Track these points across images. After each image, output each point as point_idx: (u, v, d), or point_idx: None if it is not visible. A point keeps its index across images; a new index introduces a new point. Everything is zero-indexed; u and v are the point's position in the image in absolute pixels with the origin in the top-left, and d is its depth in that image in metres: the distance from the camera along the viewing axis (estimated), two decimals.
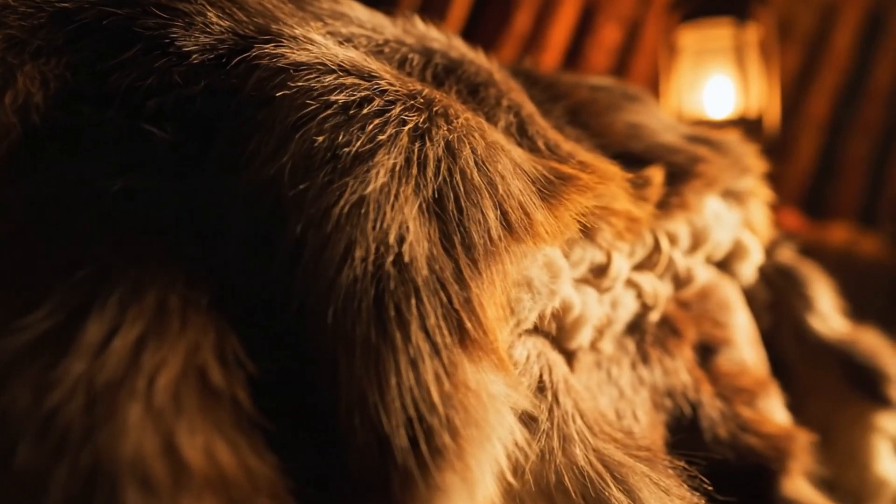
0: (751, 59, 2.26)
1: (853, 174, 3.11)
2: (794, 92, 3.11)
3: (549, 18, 2.81)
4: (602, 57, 3.00)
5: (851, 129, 3.12)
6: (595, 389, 0.66)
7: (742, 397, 0.78)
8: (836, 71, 3.12)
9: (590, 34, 2.96)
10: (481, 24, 2.78)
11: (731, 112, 2.29)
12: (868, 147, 3.11)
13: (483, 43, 0.90)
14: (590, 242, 0.60)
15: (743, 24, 2.26)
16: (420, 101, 0.47)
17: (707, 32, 2.31)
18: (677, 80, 2.36)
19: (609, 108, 0.80)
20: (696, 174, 0.76)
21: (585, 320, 0.59)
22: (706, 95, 2.34)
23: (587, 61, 2.99)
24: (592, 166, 0.53)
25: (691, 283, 0.79)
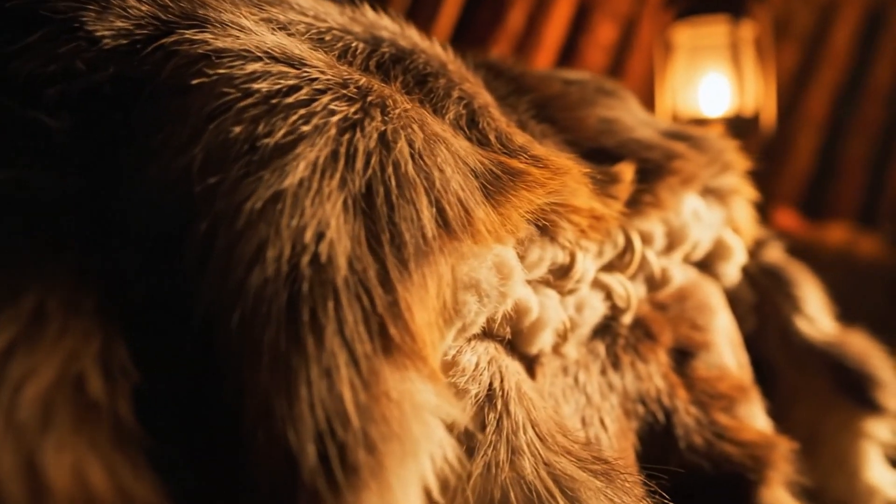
0: (746, 57, 2.22)
1: (852, 174, 3.08)
2: (793, 91, 3.07)
3: (543, 16, 2.78)
4: (598, 55, 2.97)
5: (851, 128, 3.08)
6: (559, 396, 0.63)
7: (720, 403, 0.75)
8: (835, 69, 3.09)
9: (585, 32, 2.92)
10: (474, 21, 2.75)
11: (726, 110, 2.26)
12: (867, 147, 3.07)
13: (476, 41, 0.87)
14: (549, 242, 0.57)
15: (738, 22, 2.23)
16: (353, 90, 0.44)
17: (702, 30, 2.28)
18: (672, 78, 2.32)
19: (581, 103, 0.77)
20: (671, 171, 0.73)
21: (544, 324, 0.56)
22: (701, 93, 2.31)
23: (582, 59, 2.96)
24: (546, 161, 0.50)
25: (667, 284, 0.76)
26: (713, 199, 0.89)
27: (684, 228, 0.78)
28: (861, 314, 1.43)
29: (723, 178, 0.88)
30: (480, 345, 0.51)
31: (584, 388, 0.66)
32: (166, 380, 0.33)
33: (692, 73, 2.32)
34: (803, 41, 3.08)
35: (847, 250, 2.24)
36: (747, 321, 0.99)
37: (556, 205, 0.54)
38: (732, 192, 0.91)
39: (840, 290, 2.14)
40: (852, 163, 3.06)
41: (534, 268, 0.56)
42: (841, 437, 0.99)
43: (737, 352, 0.87)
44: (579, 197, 0.55)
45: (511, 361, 0.54)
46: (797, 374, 0.99)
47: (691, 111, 2.32)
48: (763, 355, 1.02)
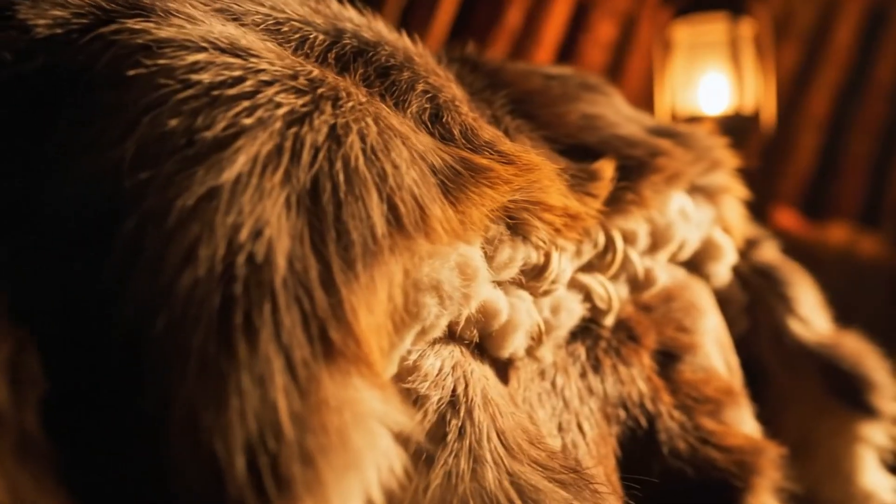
0: (745, 55, 2.20)
1: (854, 173, 3.05)
2: (794, 89, 3.04)
3: (541, 14, 2.76)
4: (597, 53, 2.95)
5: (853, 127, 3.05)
6: (535, 401, 0.61)
7: (705, 407, 0.73)
8: (837, 67, 3.06)
9: (584, 30, 2.90)
10: (471, 20, 2.73)
11: (725, 109, 2.23)
12: (870, 145, 3.04)
13: (474, 40, 0.85)
14: (522, 241, 0.55)
15: (737, 19, 2.21)
16: (303, 82, 0.42)
17: (701, 28, 2.26)
18: (671, 77, 2.30)
19: (563, 98, 0.75)
20: (654, 168, 0.71)
21: (515, 326, 0.54)
22: (701, 91, 2.28)
23: (582, 58, 2.94)
24: (513, 157, 0.48)
25: (651, 285, 0.74)
26: (702, 197, 0.86)
27: (670, 228, 0.76)
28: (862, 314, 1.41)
29: (711, 175, 0.86)
30: (445, 349, 0.49)
31: (561, 392, 0.64)
32: (83, 388, 0.31)
33: (691, 71, 2.29)
34: (804, 39, 3.05)
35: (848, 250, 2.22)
36: (739, 322, 0.97)
37: (526, 202, 0.52)
38: (722, 190, 0.88)
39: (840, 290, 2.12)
40: (854, 162, 3.03)
41: (504, 268, 0.54)
42: (835, 441, 0.96)
43: (726, 354, 0.85)
44: (552, 194, 0.53)
45: (479, 366, 0.52)
46: (789, 376, 0.97)
47: (690, 109, 2.30)
48: (755, 357, 0.99)
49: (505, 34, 2.76)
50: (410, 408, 0.46)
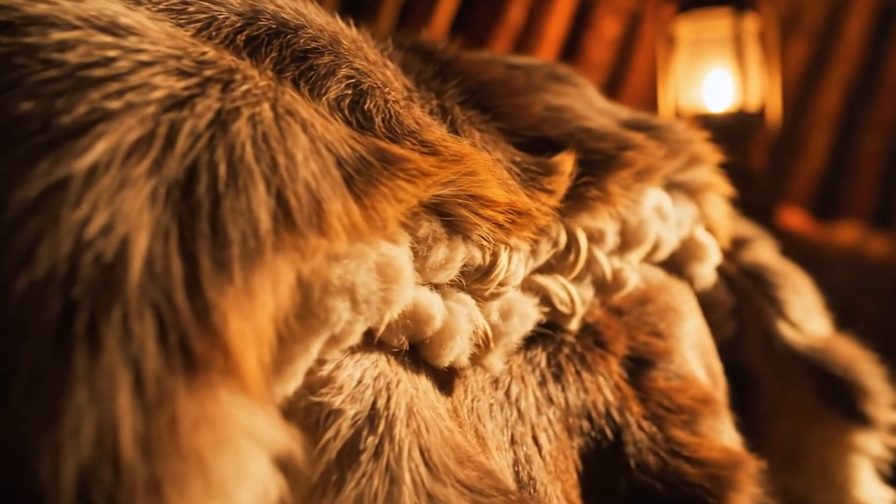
0: (750, 51, 2.15)
1: (867, 172, 2.98)
2: (804, 86, 2.98)
3: (543, 11, 2.72)
4: (601, 51, 2.90)
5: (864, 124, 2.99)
6: (484, 412, 0.57)
7: (679, 418, 0.68)
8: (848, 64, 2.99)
9: (587, 28, 2.85)
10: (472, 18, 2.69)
11: (730, 105, 2.18)
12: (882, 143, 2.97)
13: (474, 38, 0.81)
14: (462, 240, 0.51)
15: (741, 15, 2.15)
16: (189, 63, 0.38)
17: (704, 23, 2.21)
18: (675, 73, 2.25)
19: (526, 89, 0.71)
20: (622, 162, 0.66)
21: (453, 333, 0.50)
22: (705, 88, 2.23)
23: (586, 56, 2.89)
24: (438, 147, 0.44)
25: (621, 287, 0.69)
26: (681, 194, 0.82)
27: (643, 226, 0.71)
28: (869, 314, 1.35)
29: (692, 171, 0.81)
30: (367, 358, 0.45)
31: (516, 402, 0.60)
32: None
33: (695, 67, 2.24)
34: (814, 35, 2.98)
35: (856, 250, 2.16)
36: (725, 326, 0.93)
37: (461, 197, 0.48)
38: (704, 187, 0.84)
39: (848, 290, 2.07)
40: (866, 160, 2.96)
41: (440, 269, 0.49)
42: (827, 450, 0.91)
43: (707, 360, 0.80)
44: (491, 189, 0.49)
45: (410, 376, 0.48)
46: (779, 382, 0.92)
47: (695, 106, 2.25)
48: (744, 362, 0.95)
49: (506, 32, 2.71)
50: (323, 423, 0.41)
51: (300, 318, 0.39)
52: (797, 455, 0.93)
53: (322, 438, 0.41)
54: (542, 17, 2.77)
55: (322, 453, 0.41)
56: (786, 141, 2.95)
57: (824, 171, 3.00)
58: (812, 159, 3.00)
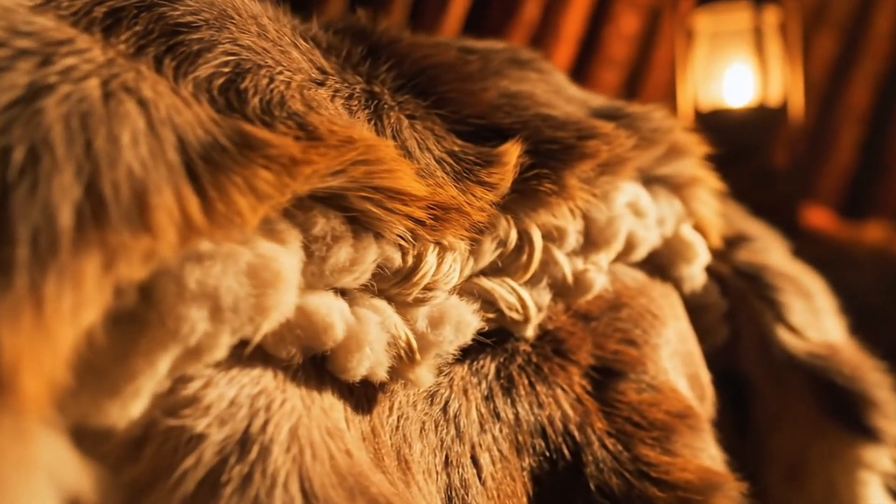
0: (771, 44, 2.06)
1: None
2: (832, 81, 2.88)
3: (560, 7, 2.65)
4: (621, 46, 2.82)
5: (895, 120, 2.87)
6: (413, 431, 0.51)
7: (650, 434, 0.61)
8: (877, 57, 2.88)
9: (606, 22, 2.78)
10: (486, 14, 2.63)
11: (750, 100, 2.10)
12: None
13: (489, 34, 0.76)
14: (374, 239, 0.45)
15: (761, 7, 2.07)
16: None
17: (723, 16, 2.13)
18: (693, 67, 2.17)
19: (481, 74, 0.64)
20: (582, 153, 0.60)
21: (360, 343, 0.44)
22: (725, 82, 2.15)
23: (605, 52, 2.82)
24: (321, 132, 0.38)
25: (586, 290, 0.63)
26: (663, 189, 0.75)
27: (612, 223, 0.65)
28: None
29: (674, 164, 0.74)
30: (246, 374, 0.39)
31: (455, 419, 0.53)
32: None
33: (714, 61, 2.17)
34: (842, 28, 2.88)
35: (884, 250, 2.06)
36: (717, 332, 0.86)
37: (363, 190, 0.42)
38: (689, 181, 0.77)
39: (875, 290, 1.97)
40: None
41: (344, 272, 0.44)
42: (832, 466, 0.84)
43: (692, 370, 0.73)
44: (402, 181, 0.43)
45: (304, 393, 0.42)
46: (777, 391, 0.85)
47: (714, 101, 2.17)
48: (740, 371, 0.88)
49: (521, 28, 2.65)
50: (182, 450, 0.36)
51: (141, 328, 0.33)
52: (799, 471, 0.86)
53: (179, 467, 0.35)
54: (558, 13, 2.70)
55: (178, 486, 0.35)
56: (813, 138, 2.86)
57: (854, 169, 2.90)
58: (841, 156, 2.89)
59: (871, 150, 2.86)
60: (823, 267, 1.36)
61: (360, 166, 0.39)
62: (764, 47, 2.09)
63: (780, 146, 2.28)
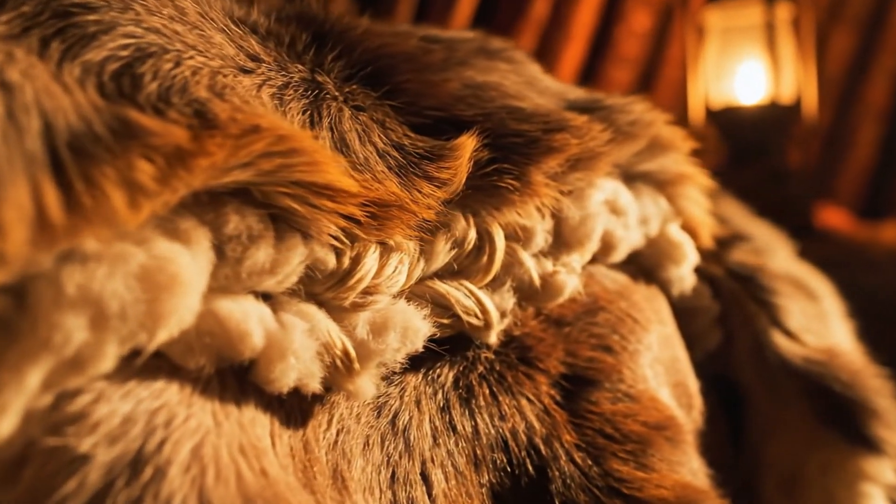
0: (784, 40, 2.01)
1: None
2: (850, 78, 2.81)
3: (570, 4, 2.60)
4: (633, 44, 2.78)
5: None
6: (354, 446, 0.47)
7: (624, 448, 0.57)
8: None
9: (618, 20, 2.73)
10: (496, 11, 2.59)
11: (762, 97, 2.04)
12: None
13: (498, 32, 0.73)
14: (301, 238, 0.41)
15: (773, 2, 2.02)
16: None
17: (735, 12, 2.08)
18: (704, 64, 2.12)
19: (444, 64, 0.61)
20: (549, 147, 0.56)
21: (283, 352, 0.40)
22: (736, 79, 2.10)
23: (617, 49, 2.77)
24: (221, 120, 0.34)
25: (556, 293, 0.59)
26: (647, 187, 0.72)
27: (586, 223, 0.61)
28: None
29: (658, 160, 0.70)
30: (145, 388, 0.36)
31: (404, 431, 0.50)
32: None
33: (726, 58, 2.11)
34: (860, 24, 2.81)
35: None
36: (709, 336, 0.81)
37: (283, 184, 0.38)
38: (676, 178, 0.73)
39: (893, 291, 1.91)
40: None
41: (264, 275, 0.40)
42: (830, 478, 0.79)
43: (677, 378, 0.69)
44: (327, 174, 0.39)
45: (215, 408, 0.38)
46: (772, 399, 0.80)
47: (725, 99, 2.12)
48: (733, 377, 0.83)
49: (531, 26, 2.61)
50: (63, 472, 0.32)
51: (12, 337, 0.30)
52: (796, 483, 0.81)
53: (59, 492, 0.32)
54: (568, 11, 2.66)
55: None
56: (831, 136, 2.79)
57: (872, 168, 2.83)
58: (859, 155, 2.83)
59: (890, 148, 2.79)
60: (839, 268, 1.32)
61: (272, 158, 0.36)
62: (776, 44, 2.04)
63: (793, 145, 2.22)
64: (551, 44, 2.68)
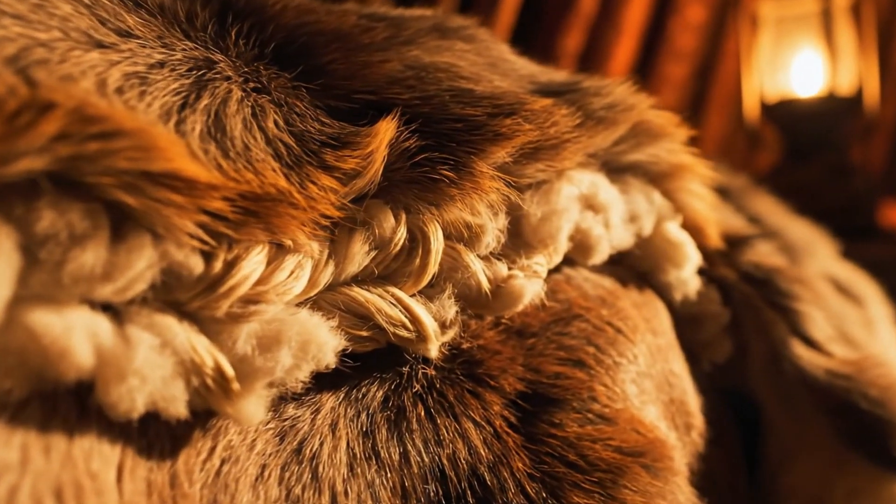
0: (842, 28, 1.89)
1: None
2: None
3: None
4: (688, 38, 2.67)
5: None
6: (245, 478, 0.41)
7: (589, 477, 0.50)
8: None
9: (672, 12, 2.63)
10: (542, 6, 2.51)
11: (820, 89, 1.93)
12: None
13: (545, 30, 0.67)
14: (150, 238, 0.35)
15: None
16: None
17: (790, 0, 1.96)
18: (758, 55, 2.01)
19: (386, 44, 0.54)
20: (496, 134, 0.49)
21: (122, 372, 0.34)
22: (792, 71, 1.99)
23: (672, 43, 2.66)
24: (13, 102, 0.28)
25: (511, 300, 0.52)
26: (637, 180, 0.64)
27: (551, 220, 0.54)
28: None
29: (648, 149, 0.63)
30: None
31: (312, 460, 0.43)
32: None
33: (781, 48, 2.00)
34: None
35: None
36: (718, 347, 0.73)
37: (108, 172, 0.32)
38: (674, 170, 0.65)
39: None
40: None
41: (96, 281, 0.34)
42: None
43: (671, 394, 0.62)
44: (175, 162, 0.33)
45: (33, 438, 0.32)
46: (791, 417, 0.72)
47: (781, 91, 2.01)
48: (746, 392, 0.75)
49: (579, 22, 2.52)
50: None
51: None
52: None
53: None
54: (618, 4, 2.57)
55: None
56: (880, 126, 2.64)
57: None
58: None
59: None
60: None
61: (83, 143, 0.30)
62: (834, 32, 1.92)
63: (856, 140, 2.10)
64: (601, 40, 2.60)
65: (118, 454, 0.36)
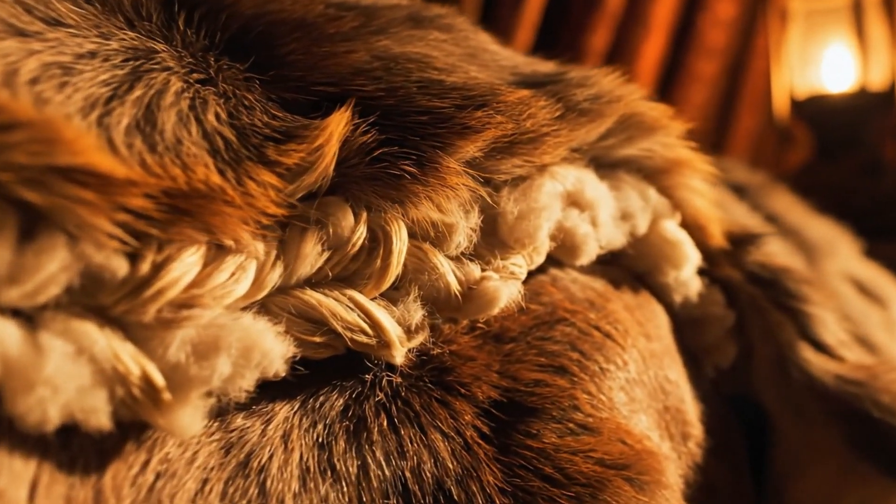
0: (873, 22, 1.83)
1: None
2: None
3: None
4: (718, 34, 2.61)
5: None
6: (183, 494, 0.38)
7: (566, 492, 0.47)
8: None
9: (701, 9, 2.57)
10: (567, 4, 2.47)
11: (851, 84, 1.87)
12: None
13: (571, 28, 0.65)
14: (65, 240, 0.33)
15: None
16: None
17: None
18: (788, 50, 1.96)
19: (354, 34, 0.52)
20: (464, 127, 0.46)
21: (31, 382, 0.32)
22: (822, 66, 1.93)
23: (702, 40, 2.61)
24: None
25: (484, 303, 0.49)
26: (631, 176, 0.61)
27: (529, 218, 0.51)
28: None
29: (640, 143, 0.60)
30: None
31: (259, 474, 0.41)
32: None
33: (811, 43, 1.95)
34: None
35: None
36: (723, 351, 0.70)
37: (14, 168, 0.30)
38: (671, 165, 0.62)
39: None
40: None
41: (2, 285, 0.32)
42: None
43: (665, 402, 0.59)
44: (80, 155, 0.31)
45: None
46: (798, 425, 0.68)
47: (811, 87, 1.95)
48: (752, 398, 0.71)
49: (606, 19, 2.48)
50: None
51: None
52: None
53: None
54: (645, 1, 2.52)
55: None
56: None
57: None
58: None
59: None
60: None
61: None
62: (865, 25, 1.86)
63: (889, 136, 2.03)
64: (629, 37, 2.55)
65: (32, 469, 0.33)
